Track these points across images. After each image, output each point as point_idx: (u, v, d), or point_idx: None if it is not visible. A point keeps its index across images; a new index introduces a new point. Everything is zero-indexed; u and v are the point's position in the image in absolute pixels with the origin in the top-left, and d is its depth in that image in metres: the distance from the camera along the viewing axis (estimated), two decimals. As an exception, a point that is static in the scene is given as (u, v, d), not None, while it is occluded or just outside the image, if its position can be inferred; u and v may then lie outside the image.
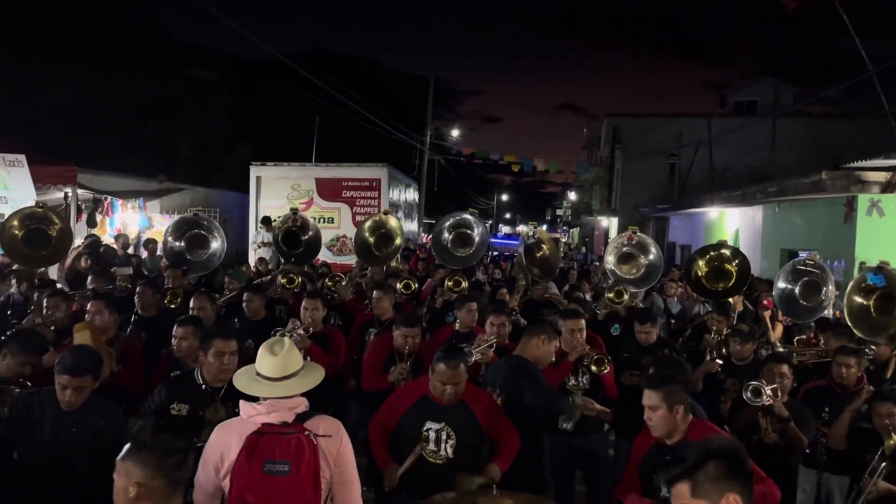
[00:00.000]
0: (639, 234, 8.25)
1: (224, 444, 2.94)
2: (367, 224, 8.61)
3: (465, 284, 7.14)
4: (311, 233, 8.81)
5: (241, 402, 3.07)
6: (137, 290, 6.29)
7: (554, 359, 4.73)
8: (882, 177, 9.69)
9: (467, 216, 8.36)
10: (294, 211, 9.10)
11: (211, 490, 2.96)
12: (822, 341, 6.28)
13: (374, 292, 6.43)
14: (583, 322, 5.20)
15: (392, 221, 8.77)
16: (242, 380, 3.13)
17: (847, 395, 4.93)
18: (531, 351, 4.51)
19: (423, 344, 5.33)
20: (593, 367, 4.96)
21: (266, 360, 3.10)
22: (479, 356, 4.86)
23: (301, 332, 5.44)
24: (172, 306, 6.38)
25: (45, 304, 5.68)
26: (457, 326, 6.07)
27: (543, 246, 8.08)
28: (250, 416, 2.97)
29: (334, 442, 3.02)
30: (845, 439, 4.48)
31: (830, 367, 5.18)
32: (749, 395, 4.47)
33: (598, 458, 4.98)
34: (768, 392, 4.45)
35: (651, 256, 8.10)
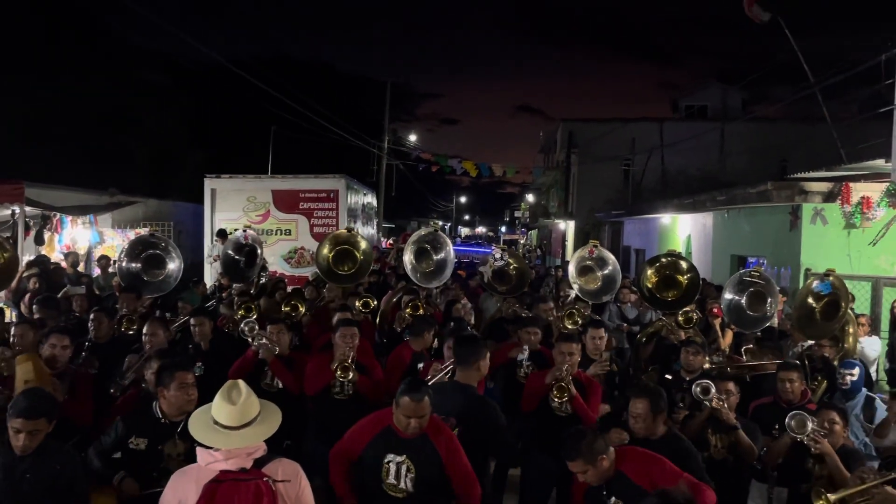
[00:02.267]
0: (599, 248, 8.45)
1: (182, 491, 2.94)
2: (328, 242, 8.32)
3: (421, 310, 7.12)
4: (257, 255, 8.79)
5: (198, 449, 3.07)
6: (92, 317, 6.17)
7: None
8: (825, 187, 10.02)
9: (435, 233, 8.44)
10: (245, 228, 9.07)
11: None
12: (746, 356, 6.51)
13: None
14: (575, 346, 5.32)
15: (356, 237, 8.53)
16: (199, 428, 3.10)
17: (793, 408, 5.12)
18: (473, 376, 4.55)
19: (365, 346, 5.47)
20: (555, 394, 5.07)
21: (223, 409, 3.08)
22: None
23: (265, 341, 5.49)
24: (131, 332, 6.30)
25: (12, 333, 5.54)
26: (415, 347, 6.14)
27: (512, 264, 8.23)
28: (208, 464, 2.97)
29: (293, 486, 3.03)
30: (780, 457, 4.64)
31: (775, 384, 5.36)
32: (698, 391, 4.62)
33: (569, 482, 5.04)
34: (714, 394, 4.61)
35: (608, 269, 8.30)
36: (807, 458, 4.33)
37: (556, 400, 5.10)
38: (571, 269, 8.40)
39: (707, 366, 6.00)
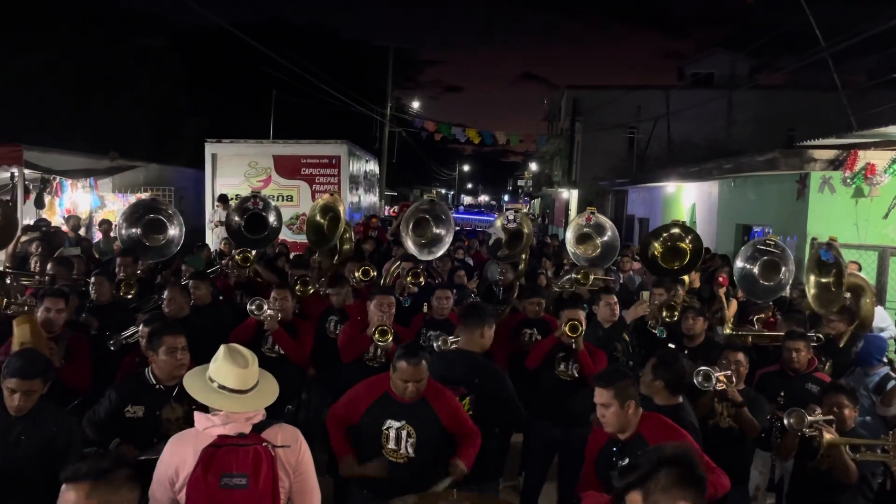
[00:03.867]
0: (596, 214, 8.30)
1: (179, 456, 2.87)
2: (318, 205, 8.13)
3: (422, 279, 7.02)
4: (273, 219, 8.53)
5: (196, 414, 3.00)
6: (93, 279, 6.13)
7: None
8: (833, 155, 9.88)
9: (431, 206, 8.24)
10: (255, 195, 8.90)
11: (166, 502, 2.90)
12: (758, 326, 6.43)
13: (330, 290, 6.49)
14: (580, 313, 5.27)
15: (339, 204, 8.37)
16: (202, 392, 3.00)
17: (800, 377, 5.07)
18: (476, 342, 4.49)
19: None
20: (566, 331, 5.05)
21: (231, 372, 2.99)
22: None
23: (270, 313, 5.44)
24: (129, 297, 6.26)
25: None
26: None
27: (524, 231, 8.01)
28: (206, 428, 2.91)
29: (293, 451, 2.98)
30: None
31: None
32: (700, 379, 4.49)
33: (573, 450, 5.02)
34: (719, 377, 4.50)
35: (607, 237, 8.18)
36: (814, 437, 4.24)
37: (568, 335, 5.03)
38: (569, 236, 8.29)
39: (728, 331, 5.93)
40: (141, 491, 3.42)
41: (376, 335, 5.14)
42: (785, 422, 4.12)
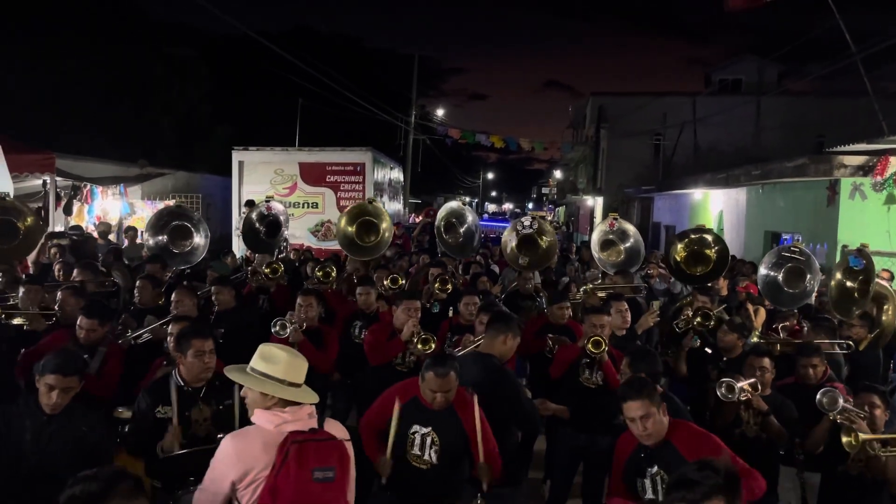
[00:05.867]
0: (619, 220, 8.34)
1: (249, 455, 2.88)
2: (348, 214, 8.36)
3: (449, 285, 7.06)
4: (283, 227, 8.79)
5: (259, 412, 3.01)
6: (138, 284, 6.36)
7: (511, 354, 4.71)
8: (863, 160, 9.72)
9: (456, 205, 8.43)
10: (268, 199, 9.12)
11: (220, 499, 2.91)
12: (783, 334, 6.32)
13: (359, 288, 6.55)
14: (605, 318, 5.29)
15: (374, 206, 8.55)
16: (270, 387, 3.02)
17: (816, 389, 4.94)
18: (497, 347, 4.48)
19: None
20: (590, 346, 5.01)
21: (293, 365, 3.09)
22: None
23: (291, 329, 5.44)
24: (160, 303, 6.37)
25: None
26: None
27: (544, 238, 7.99)
28: (277, 426, 2.94)
29: (350, 444, 3.08)
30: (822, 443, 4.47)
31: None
32: (722, 391, 4.43)
33: (597, 456, 4.97)
34: (744, 387, 4.42)
35: (630, 242, 8.22)
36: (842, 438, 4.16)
37: (592, 351, 4.99)
38: (594, 243, 8.31)
39: (755, 339, 5.86)
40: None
41: (419, 344, 5.11)
42: (818, 399, 4.12)
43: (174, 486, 3.70)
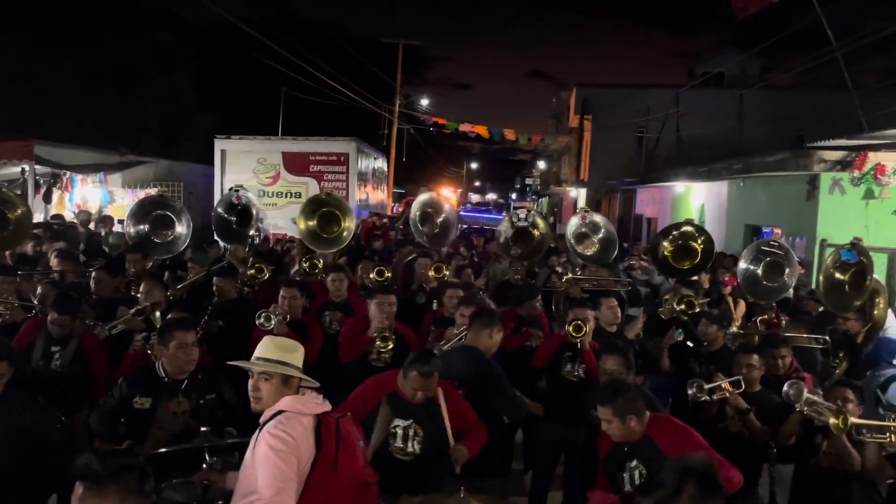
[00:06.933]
0: (590, 213, 8.50)
1: (304, 440, 2.96)
2: (305, 210, 8.18)
3: (445, 271, 7.08)
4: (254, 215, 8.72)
5: (290, 399, 3.06)
6: (93, 275, 6.17)
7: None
8: (842, 156, 9.84)
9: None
10: (237, 188, 9.07)
11: (293, 492, 2.92)
12: (760, 327, 6.36)
13: (331, 275, 6.46)
14: (589, 312, 5.34)
15: (332, 197, 8.42)
16: (293, 371, 3.14)
17: (784, 380, 4.89)
18: (483, 341, 4.52)
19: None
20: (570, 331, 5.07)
21: (299, 351, 3.21)
22: None
23: (276, 321, 5.37)
24: (138, 295, 6.29)
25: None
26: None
27: (537, 230, 8.11)
28: (313, 410, 3.05)
29: None
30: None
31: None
32: (693, 391, 4.47)
33: (579, 450, 5.02)
34: (723, 385, 4.45)
35: (602, 233, 8.35)
36: (815, 432, 4.20)
37: (572, 335, 5.04)
38: (569, 237, 8.44)
39: (734, 329, 5.91)
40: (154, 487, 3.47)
41: (378, 341, 5.12)
42: (784, 390, 4.15)
43: (155, 480, 3.68)
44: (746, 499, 4.32)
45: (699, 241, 7.70)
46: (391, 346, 5.12)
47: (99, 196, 13.74)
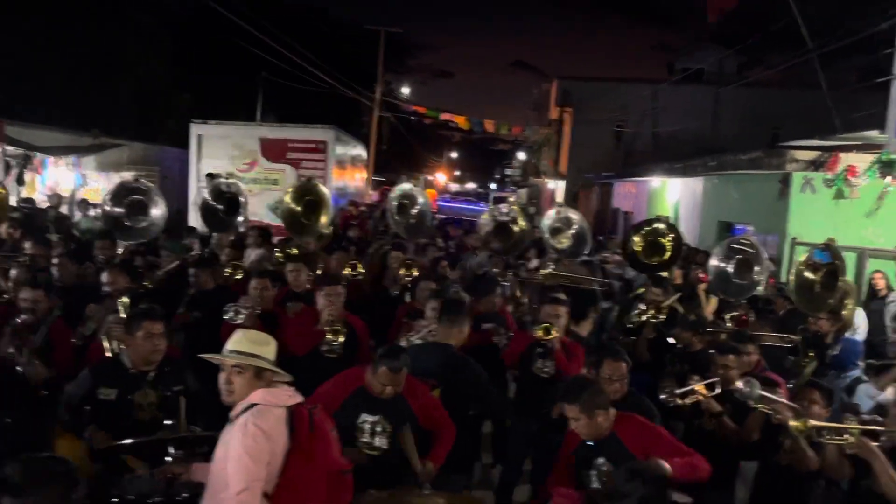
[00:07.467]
0: (564, 207, 8.65)
1: (277, 433, 2.97)
2: (294, 191, 8.10)
3: (414, 270, 7.02)
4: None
5: (262, 391, 3.07)
6: (56, 261, 6.09)
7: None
8: (814, 156, 9.99)
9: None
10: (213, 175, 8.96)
11: (259, 489, 2.91)
12: (730, 324, 6.40)
13: (289, 266, 6.36)
14: (562, 309, 5.28)
15: (319, 187, 8.31)
16: (266, 364, 3.14)
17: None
18: (454, 336, 4.52)
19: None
20: (539, 332, 5.03)
21: (272, 346, 3.21)
22: None
23: (244, 314, 5.26)
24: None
25: None
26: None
27: (517, 226, 8.26)
28: (285, 402, 3.07)
29: None
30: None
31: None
32: (664, 396, 4.50)
33: (548, 446, 5.04)
34: (696, 388, 4.47)
35: (575, 228, 8.50)
36: (779, 429, 4.21)
37: (539, 334, 5.01)
38: (545, 230, 8.61)
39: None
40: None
41: (328, 335, 5.03)
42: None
43: (119, 471, 3.60)
44: (723, 495, 4.39)
45: (668, 238, 7.78)
46: (341, 339, 5.06)
47: (71, 179, 13.54)
